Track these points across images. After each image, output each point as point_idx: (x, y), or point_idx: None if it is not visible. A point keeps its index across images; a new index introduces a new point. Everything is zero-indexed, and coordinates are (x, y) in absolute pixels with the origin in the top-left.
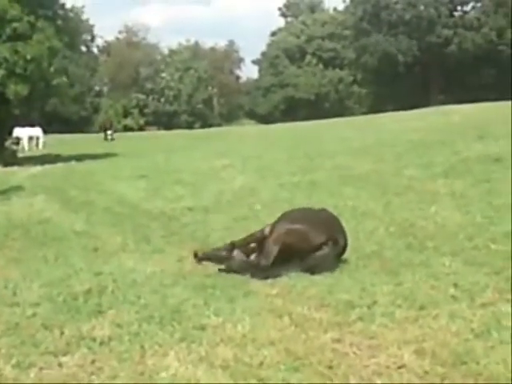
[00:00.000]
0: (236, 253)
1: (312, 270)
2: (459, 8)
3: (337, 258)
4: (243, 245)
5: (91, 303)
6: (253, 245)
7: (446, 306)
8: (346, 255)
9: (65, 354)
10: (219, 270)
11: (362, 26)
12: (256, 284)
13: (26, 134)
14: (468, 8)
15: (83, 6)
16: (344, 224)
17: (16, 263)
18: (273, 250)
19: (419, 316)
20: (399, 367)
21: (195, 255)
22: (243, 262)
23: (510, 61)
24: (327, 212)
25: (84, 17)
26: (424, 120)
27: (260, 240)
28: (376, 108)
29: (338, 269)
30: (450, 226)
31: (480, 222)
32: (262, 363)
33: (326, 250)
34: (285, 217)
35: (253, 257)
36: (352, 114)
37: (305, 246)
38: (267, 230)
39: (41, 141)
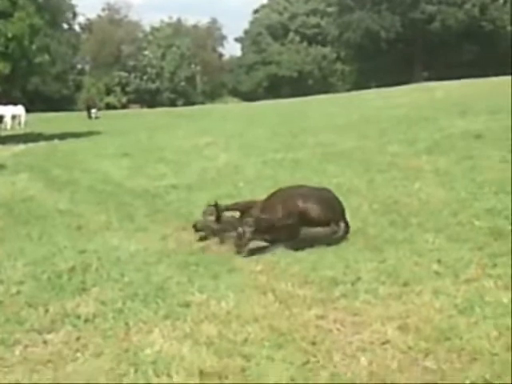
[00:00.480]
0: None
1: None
2: None
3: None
4: (228, 209)
5: (75, 281)
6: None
7: (430, 283)
8: None
9: (49, 332)
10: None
11: (346, 3)
12: (240, 261)
13: (9, 113)
14: None
15: None
16: None
17: (0, 242)
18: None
19: (403, 292)
20: (383, 343)
21: (194, 226)
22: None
23: (493, 37)
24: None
25: None
26: (408, 96)
27: (245, 209)
28: (359, 85)
29: (322, 246)
30: (433, 203)
31: (464, 199)
32: (246, 340)
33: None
34: (296, 194)
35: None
36: (336, 91)
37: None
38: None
39: (22, 119)
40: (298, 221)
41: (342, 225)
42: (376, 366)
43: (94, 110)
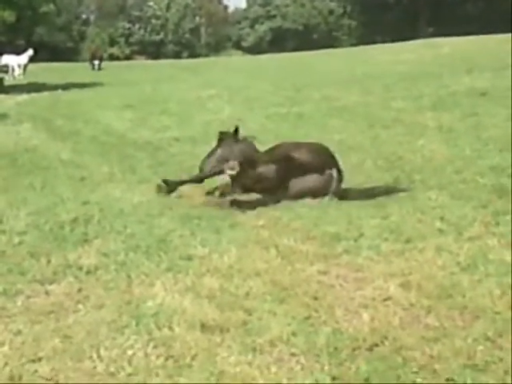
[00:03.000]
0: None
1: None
2: None
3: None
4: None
5: (78, 232)
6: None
7: (433, 240)
8: None
9: (51, 283)
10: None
11: None
12: (242, 215)
13: (16, 62)
14: None
15: None
16: None
17: (2, 191)
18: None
19: (405, 249)
20: (385, 299)
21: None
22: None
23: None
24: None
25: None
26: (413, 52)
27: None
28: (365, 40)
29: (324, 201)
30: (437, 160)
31: (468, 156)
32: (248, 294)
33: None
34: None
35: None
36: (341, 45)
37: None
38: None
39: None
40: (286, 169)
41: (335, 171)
42: (378, 323)
43: (96, 62)
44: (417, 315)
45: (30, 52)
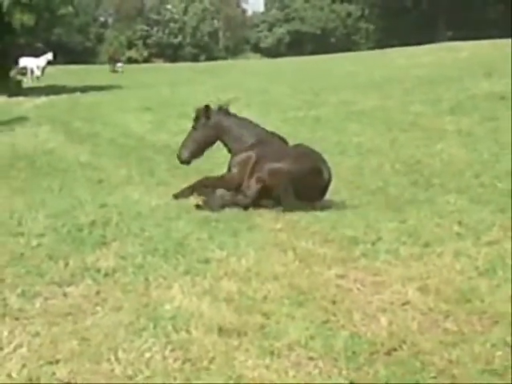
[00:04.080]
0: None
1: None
2: None
3: (323, 190)
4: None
5: (96, 235)
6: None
7: (451, 244)
8: (349, 191)
9: (69, 285)
10: (195, 206)
11: None
12: (260, 218)
13: (34, 64)
14: None
15: None
16: (346, 160)
17: (21, 193)
18: (254, 189)
19: (424, 253)
20: (403, 304)
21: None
22: (223, 201)
23: None
24: (305, 146)
25: None
26: (431, 56)
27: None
28: (383, 43)
29: (342, 204)
30: (455, 164)
31: (486, 160)
32: (265, 297)
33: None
34: (264, 157)
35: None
36: (359, 49)
37: (287, 183)
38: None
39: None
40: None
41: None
42: (396, 327)
43: (119, 64)
44: (435, 320)
45: (50, 56)
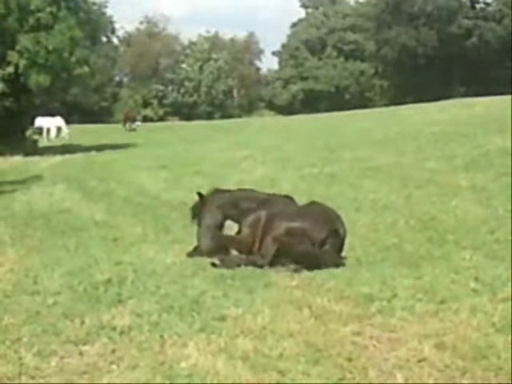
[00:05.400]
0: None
1: (314, 267)
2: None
3: (339, 249)
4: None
5: (111, 293)
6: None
7: (467, 300)
8: (364, 248)
9: (85, 343)
10: (211, 264)
11: (383, 18)
12: (275, 275)
13: (53, 124)
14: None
15: (106, 1)
16: (361, 216)
17: (37, 252)
18: (271, 249)
19: (439, 310)
20: (419, 361)
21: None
22: (239, 260)
23: None
24: (320, 204)
25: (106, 10)
26: (445, 112)
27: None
28: (397, 100)
29: (357, 261)
30: (470, 220)
31: (501, 216)
32: (281, 355)
33: (328, 244)
34: (276, 217)
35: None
36: (373, 106)
37: (306, 243)
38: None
39: (65, 131)
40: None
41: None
42: None
43: (137, 123)
44: (452, 377)
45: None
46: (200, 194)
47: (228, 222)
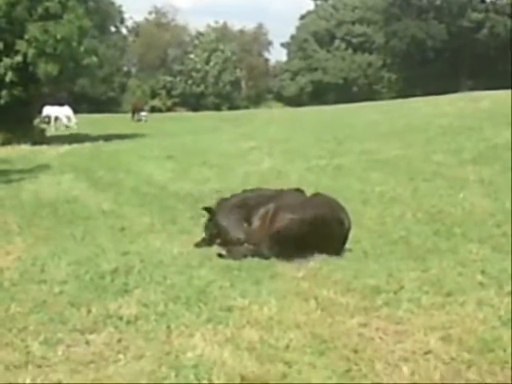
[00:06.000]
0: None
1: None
2: None
3: (343, 240)
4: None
5: (118, 282)
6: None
7: (474, 293)
8: (371, 240)
9: (92, 332)
10: (218, 255)
11: (392, 11)
12: (282, 266)
13: (61, 113)
14: None
15: None
16: (368, 209)
17: (44, 241)
18: (276, 241)
19: (446, 302)
20: (425, 353)
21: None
22: (246, 250)
23: None
24: (323, 195)
25: (115, 0)
26: (453, 105)
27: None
28: (405, 93)
29: (364, 253)
30: (478, 213)
31: (508, 209)
32: (287, 346)
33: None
34: (283, 206)
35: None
36: (381, 98)
37: (308, 233)
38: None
39: (73, 121)
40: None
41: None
42: (418, 377)
43: (144, 113)
44: (458, 369)
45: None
46: (208, 209)
47: None
